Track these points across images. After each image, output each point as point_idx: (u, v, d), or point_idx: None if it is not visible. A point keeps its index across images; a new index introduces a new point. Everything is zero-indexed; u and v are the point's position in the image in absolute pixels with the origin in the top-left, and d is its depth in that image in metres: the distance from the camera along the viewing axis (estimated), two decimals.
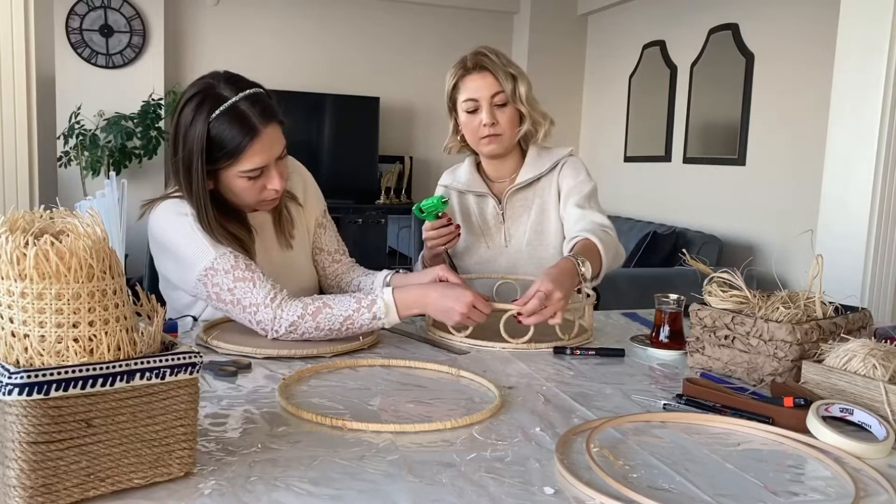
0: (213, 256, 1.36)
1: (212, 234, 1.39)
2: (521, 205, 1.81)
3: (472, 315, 1.37)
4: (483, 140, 1.74)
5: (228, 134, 1.35)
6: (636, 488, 0.79)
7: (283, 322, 1.33)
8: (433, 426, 0.95)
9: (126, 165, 4.90)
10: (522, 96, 1.72)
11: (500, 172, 1.84)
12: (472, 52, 1.75)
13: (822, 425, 0.96)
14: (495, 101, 1.70)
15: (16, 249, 0.71)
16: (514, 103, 1.72)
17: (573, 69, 6.20)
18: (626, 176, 5.64)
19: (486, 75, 1.71)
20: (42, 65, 2.54)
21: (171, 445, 0.77)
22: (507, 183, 1.83)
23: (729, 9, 4.60)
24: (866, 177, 2.58)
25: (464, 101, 1.73)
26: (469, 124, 1.74)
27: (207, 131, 1.34)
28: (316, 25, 5.87)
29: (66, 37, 5.11)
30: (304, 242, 1.67)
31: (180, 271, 1.41)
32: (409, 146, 6.18)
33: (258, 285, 1.35)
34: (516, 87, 1.71)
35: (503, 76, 1.70)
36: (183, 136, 1.36)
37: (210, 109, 1.34)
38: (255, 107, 1.37)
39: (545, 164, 1.80)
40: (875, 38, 2.54)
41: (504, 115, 1.72)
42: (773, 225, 4.21)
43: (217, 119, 1.34)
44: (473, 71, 1.71)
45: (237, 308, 1.36)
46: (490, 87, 1.70)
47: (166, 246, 1.42)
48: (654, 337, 1.45)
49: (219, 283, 1.36)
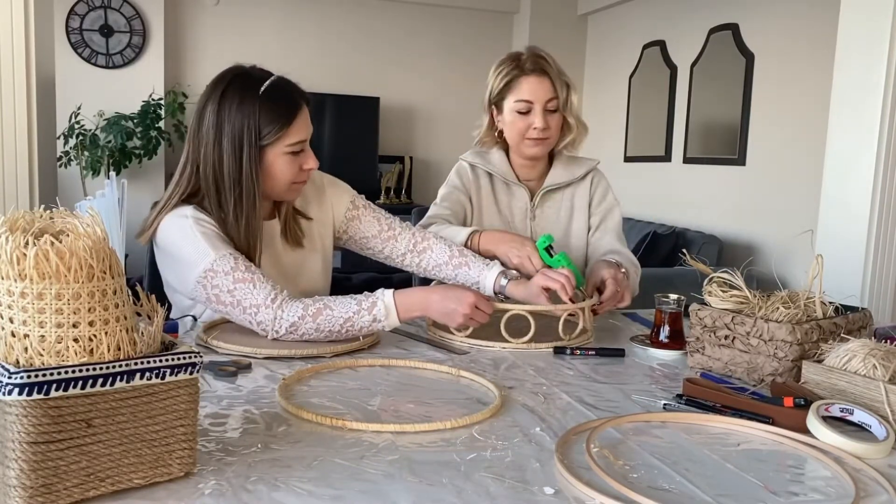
0: (213, 258, 1.35)
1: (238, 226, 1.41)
2: (551, 205, 1.85)
3: (475, 316, 1.37)
4: (530, 141, 1.75)
5: (277, 108, 1.40)
6: (636, 488, 0.79)
7: (284, 323, 1.33)
8: (433, 426, 0.95)
9: (126, 165, 4.90)
10: (573, 106, 1.77)
11: (530, 173, 1.86)
12: (529, 53, 1.76)
13: (822, 425, 0.96)
14: (548, 107, 1.73)
15: (16, 249, 0.71)
16: (562, 111, 1.75)
17: (573, 69, 6.19)
18: (626, 176, 5.63)
19: (544, 80, 1.73)
20: (42, 65, 2.54)
21: (171, 445, 0.77)
22: (534, 183, 1.86)
23: (729, 9, 4.59)
24: (866, 177, 2.58)
25: (517, 101, 1.74)
26: (517, 124, 1.75)
27: (259, 106, 1.38)
28: (316, 25, 5.87)
29: (66, 37, 5.11)
30: (316, 243, 1.64)
31: (180, 273, 1.41)
32: (409, 146, 6.18)
33: (258, 286, 1.35)
34: (569, 96, 1.76)
35: (559, 84, 1.74)
36: (228, 119, 1.38)
37: (257, 86, 1.39)
38: (290, 85, 1.45)
39: (577, 172, 1.86)
40: (875, 38, 2.54)
41: (554, 120, 1.75)
42: (773, 225, 4.21)
43: (266, 93, 1.39)
44: (532, 73, 1.73)
45: (237, 309, 1.35)
46: (547, 91, 1.72)
47: (167, 249, 1.42)
48: (654, 337, 1.45)
49: (218, 285, 1.35)
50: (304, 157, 1.46)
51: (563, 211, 1.85)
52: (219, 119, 1.39)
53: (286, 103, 1.41)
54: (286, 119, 1.40)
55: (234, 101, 1.39)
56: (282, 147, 1.42)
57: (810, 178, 3.56)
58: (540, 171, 1.86)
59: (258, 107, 1.38)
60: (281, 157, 1.42)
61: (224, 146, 1.39)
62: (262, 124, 1.39)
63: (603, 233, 1.84)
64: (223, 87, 1.40)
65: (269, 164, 1.43)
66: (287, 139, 1.41)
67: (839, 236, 2.67)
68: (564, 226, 1.85)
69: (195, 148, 1.43)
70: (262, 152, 1.41)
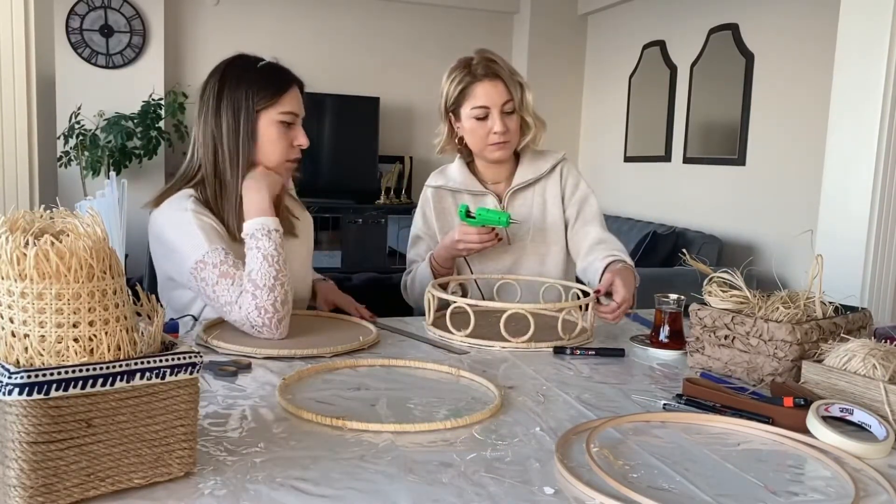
0: (206, 250, 1.40)
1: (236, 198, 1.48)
2: (522, 203, 1.84)
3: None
4: (492, 146, 1.75)
5: (271, 78, 1.52)
6: (636, 488, 0.79)
7: (250, 314, 1.35)
8: (433, 426, 0.95)
9: (126, 165, 4.90)
10: (528, 105, 1.76)
11: (497, 175, 1.85)
12: (479, 58, 1.74)
13: (821, 425, 0.96)
14: (504, 109, 1.72)
15: (16, 249, 0.71)
16: (519, 111, 1.75)
17: (573, 69, 6.20)
18: (626, 176, 5.64)
19: (497, 83, 1.72)
20: (42, 65, 2.54)
21: (171, 445, 0.77)
22: (502, 185, 1.85)
23: (729, 9, 4.60)
24: (866, 177, 2.58)
25: (473, 108, 1.73)
26: (477, 131, 1.74)
27: (255, 76, 1.51)
28: (316, 25, 5.87)
29: (66, 37, 5.11)
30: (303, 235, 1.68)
31: (177, 263, 1.44)
32: (409, 146, 6.18)
33: (235, 283, 1.38)
34: (524, 95, 1.75)
35: (513, 85, 1.73)
36: (228, 90, 1.49)
37: (255, 63, 1.53)
38: (285, 68, 1.57)
39: (543, 166, 1.84)
40: (875, 38, 2.54)
41: (512, 122, 1.74)
42: (773, 225, 4.21)
43: (263, 67, 1.53)
44: (485, 78, 1.72)
45: (217, 304, 1.40)
46: (502, 94, 1.71)
47: (164, 240, 1.47)
48: (654, 337, 1.45)
49: (205, 279, 1.39)
50: (295, 132, 1.55)
51: (536, 207, 1.84)
52: (219, 91, 1.49)
53: (280, 76, 1.54)
54: (280, 87, 1.51)
55: (233, 75, 1.50)
56: (274, 114, 1.50)
57: (810, 178, 3.56)
58: (508, 170, 1.85)
59: (255, 77, 1.50)
60: (274, 125, 1.50)
61: (223, 115, 1.49)
62: (257, 89, 1.49)
63: (583, 223, 1.82)
64: (224, 66, 1.53)
65: (262, 130, 1.50)
66: (279, 106, 1.50)
67: (839, 236, 2.67)
68: (538, 221, 1.83)
69: (198, 124, 1.52)
70: (256, 117, 1.49)
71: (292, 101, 1.53)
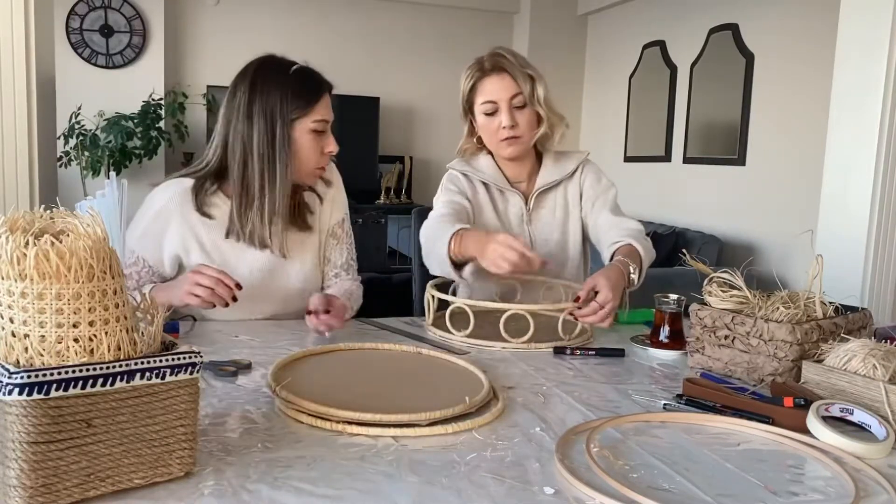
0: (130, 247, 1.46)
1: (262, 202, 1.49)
2: (545, 206, 1.80)
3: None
4: (503, 142, 1.71)
5: (305, 85, 1.51)
6: (636, 488, 0.79)
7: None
8: (433, 430, 0.95)
9: (126, 165, 4.90)
10: (541, 98, 1.70)
11: (519, 174, 1.81)
12: (489, 53, 1.72)
13: (822, 425, 0.96)
14: (514, 103, 1.68)
15: (16, 249, 0.71)
16: (532, 105, 1.70)
17: (573, 69, 6.20)
18: (626, 176, 5.63)
19: (504, 77, 1.68)
20: (42, 65, 2.54)
21: (171, 445, 0.77)
22: (524, 184, 1.81)
23: (729, 9, 4.60)
24: (866, 177, 2.58)
25: (482, 103, 1.70)
26: (488, 126, 1.72)
27: (289, 84, 1.49)
28: (316, 25, 5.87)
29: (66, 37, 5.11)
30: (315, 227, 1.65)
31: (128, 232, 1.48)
32: (409, 146, 6.18)
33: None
34: (534, 88, 1.70)
35: (522, 78, 1.68)
36: (261, 96, 1.47)
37: (287, 68, 1.51)
38: (315, 71, 1.56)
39: (567, 167, 1.80)
40: (875, 38, 2.54)
41: (523, 116, 1.70)
42: (773, 225, 4.21)
43: (296, 73, 1.51)
44: (492, 73, 1.69)
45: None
46: (509, 88, 1.68)
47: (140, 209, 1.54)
48: (654, 337, 1.45)
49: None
50: (325, 139, 1.54)
51: (559, 210, 1.80)
52: (251, 96, 1.47)
53: (314, 82, 1.53)
54: (314, 95, 1.50)
55: (266, 80, 1.48)
56: (308, 123, 1.50)
57: (810, 178, 3.56)
58: (529, 171, 1.81)
59: (289, 84, 1.48)
60: (306, 134, 1.50)
61: (255, 120, 1.47)
62: (292, 98, 1.48)
63: (600, 209, 1.75)
64: (255, 68, 1.50)
65: (295, 140, 1.50)
66: (314, 115, 1.50)
67: (839, 236, 2.67)
68: (561, 225, 1.80)
69: (224, 125, 1.51)
70: (291, 127, 1.49)
71: (324, 108, 1.53)
